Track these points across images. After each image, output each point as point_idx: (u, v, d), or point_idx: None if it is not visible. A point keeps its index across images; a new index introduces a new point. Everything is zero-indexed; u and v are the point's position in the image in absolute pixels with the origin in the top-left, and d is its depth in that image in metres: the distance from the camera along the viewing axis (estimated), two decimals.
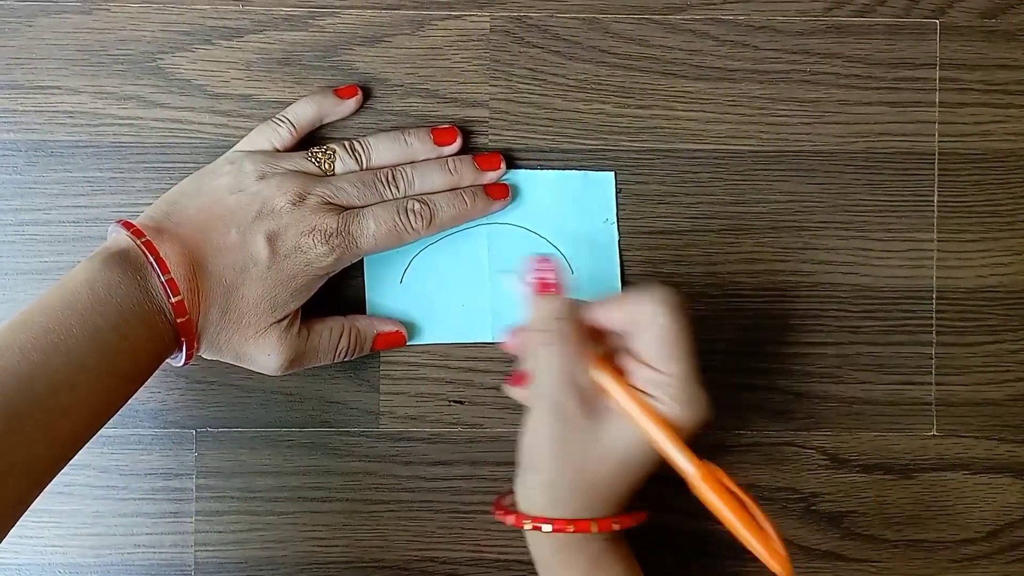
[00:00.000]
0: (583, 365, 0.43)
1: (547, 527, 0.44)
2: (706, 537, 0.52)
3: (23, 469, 0.39)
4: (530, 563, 0.52)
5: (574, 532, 0.44)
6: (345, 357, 0.50)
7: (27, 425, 0.39)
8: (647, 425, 0.42)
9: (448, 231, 0.51)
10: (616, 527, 0.44)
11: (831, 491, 0.52)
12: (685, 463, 0.42)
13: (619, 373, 0.44)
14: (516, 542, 0.52)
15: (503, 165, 0.50)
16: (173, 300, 0.43)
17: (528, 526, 0.44)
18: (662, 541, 0.52)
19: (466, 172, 0.50)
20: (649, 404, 0.43)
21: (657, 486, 0.49)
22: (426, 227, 0.48)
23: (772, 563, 0.40)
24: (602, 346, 0.45)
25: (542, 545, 0.46)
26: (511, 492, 0.47)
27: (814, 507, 0.52)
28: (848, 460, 0.52)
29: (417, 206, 0.48)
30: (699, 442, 0.52)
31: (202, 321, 0.45)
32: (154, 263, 0.43)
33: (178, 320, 0.43)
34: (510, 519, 0.45)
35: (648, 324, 0.43)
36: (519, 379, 0.48)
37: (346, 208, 0.47)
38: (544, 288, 0.45)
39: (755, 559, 0.52)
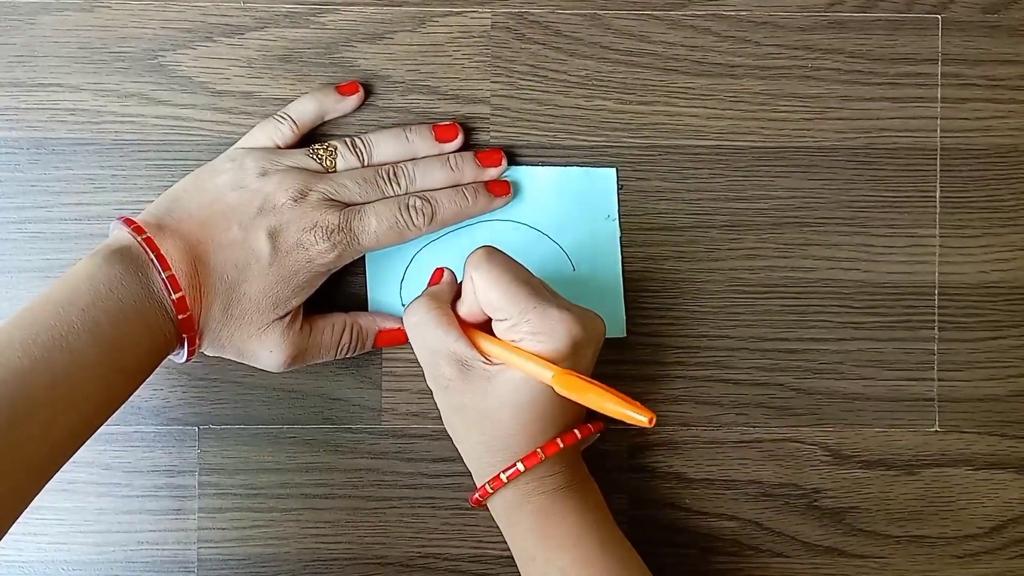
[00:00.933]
0: (451, 335, 0.45)
1: (490, 487, 0.45)
2: (707, 534, 0.52)
3: (25, 464, 0.39)
4: None
5: (508, 480, 0.45)
6: (347, 354, 0.50)
7: (29, 420, 0.39)
8: (505, 355, 0.44)
9: (450, 228, 0.51)
10: (541, 454, 0.45)
11: (834, 487, 0.52)
12: (540, 371, 0.43)
13: (483, 332, 0.46)
14: None
15: (504, 161, 0.50)
16: (174, 297, 0.43)
17: (476, 496, 0.46)
18: (660, 537, 0.52)
19: (467, 168, 0.50)
20: (504, 340, 0.44)
21: (658, 481, 0.49)
22: (428, 224, 0.48)
23: (638, 417, 0.41)
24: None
25: (498, 513, 0.47)
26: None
27: (816, 503, 0.52)
28: (850, 456, 0.52)
29: (419, 203, 0.48)
30: (700, 437, 0.52)
31: (204, 317, 0.45)
32: (155, 260, 0.43)
33: (179, 316, 0.44)
34: (473, 501, 0.47)
35: (475, 289, 0.45)
36: None
37: (348, 205, 0.47)
38: (430, 284, 0.49)
39: (759, 557, 0.52)
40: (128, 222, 0.44)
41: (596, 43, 0.52)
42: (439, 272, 0.49)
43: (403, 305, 0.51)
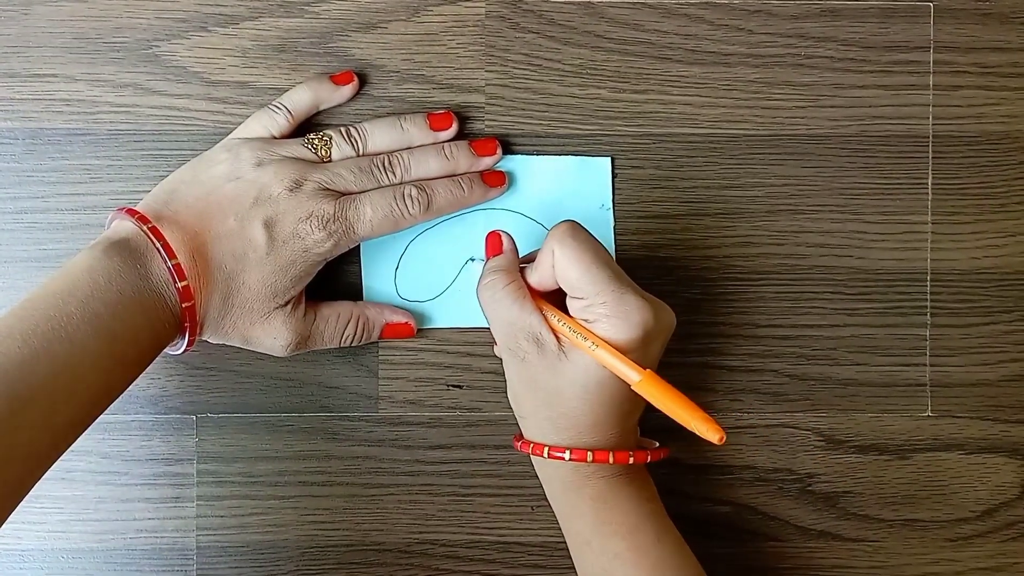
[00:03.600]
0: (527, 309, 0.45)
1: (546, 452, 0.46)
2: (702, 519, 0.52)
3: (24, 453, 0.39)
4: (529, 544, 0.53)
5: (571, 459, 0.45)
6: (352, 343, 0.50)
7: (28, 409, 0.39)
8: (585, 346, 0.44)
9: (445, 216, 0.51)
10: (611, 460, 0.45)
11: (827, 472, 0.53)
12: (627, 371, 0.43)
13: (560, 310, 0.46)
14: (515, 524, 0.52)
15: (499, 150, 0.50)
16: (180, 285, 0.43)
17: (526, 447, 0.47)
18: None
19: (462, 157, 0.50)
20: (585, 327, 0.44)
21: (654, 467, 0.50)
22: (423, 213, 0.48)
23: (710, 433, 0.42)
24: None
25: (552, 484, 0.47)
26: None
27: (810, 488, 0.53)
28: (844, 441, 0.53)
29: (414, 192, 0.48)
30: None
31: (204, 307, 0.45)
32: (161, 249, 0.43)
33: (183, 305, 0.44)
34: (519, 444, 0.47)
35: (554, 263, 0.44)
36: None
37: (343, 194, 0.48)
38: (491, 253, 0.48)
39: (754, 542, 0.53)
40: (131, 212, 0.45)
41: (590, 32, 0.52)
42: (497, 239, 0.48)
43: (398, 294, 0.51)
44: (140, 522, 0.51)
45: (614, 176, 0.52)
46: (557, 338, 0.45)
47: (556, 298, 0.46)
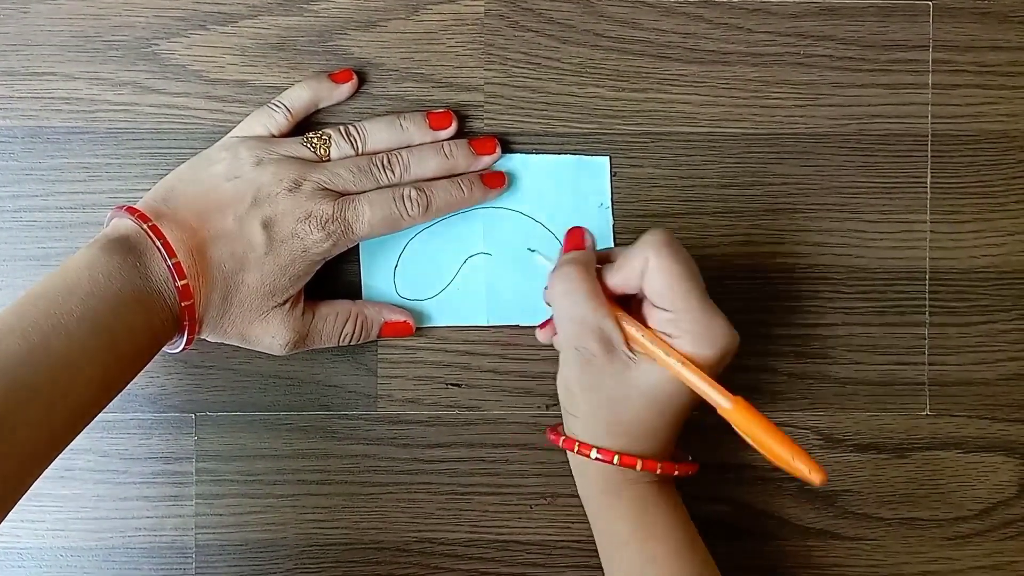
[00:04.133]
0: (601, 310, 0.44)
1: (594, 453, 0.45)
2: (702, 518, 0.52)
3: (23, 450, 0.39)
4: (527, 543, 0.53)
5: (618, 464, 0.45)
6: (351, 342, 0.50)
7: (27, 406, 0.39)
8: (664, 359, 0.43)
9: (444, 217, 0.51)
10: (659, 470, 0.45)
11: (826, 470, 0.53)
12: (717, 397, 0.43)
13: (637, 317, 0.45)
14: (513, 523, 0.52)
15: (498, 149, 0.50)
16: (179, 283, 0.43)
17: (575, 448, 0.46)
18: None
19: (462, 156, 0.50)
20: (667, 341, 0.43)
21: None
22: (422, 214, 0.48)
23: (811, 476, 0.42)
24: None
25: (590, 483, 0.47)
26: (561, 424, 0.48)
27: (808, 487, 0.53)
28: (842, 440, 0.53)
29: (414, 193, 0.48)
30: (694, 423, 0.52)
31: (204, 306, 0.45)
32: (161, 247, 0.43)
33: (183, 303, 0.44)
34: (561, 441, 0.47)
35: (645, 269, 0.44)
36: (545, 324, 0.49)
37: (342, 194, 0.48)
38: (571, 246, 0.47)
39: (752, 540, 0.53)
40: (131, 210, 0.45)
41: (589, 30, 0.52)
42: (580, 234, 0.47)
43: (397, 293, 0.51)
44: (139, 520, 0.51)
45: (613, 175, 0.52)
46: (628, 346, 0.44)
47: (625, 303, 0.45)
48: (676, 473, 0.46)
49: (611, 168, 0.52)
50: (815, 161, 0.52)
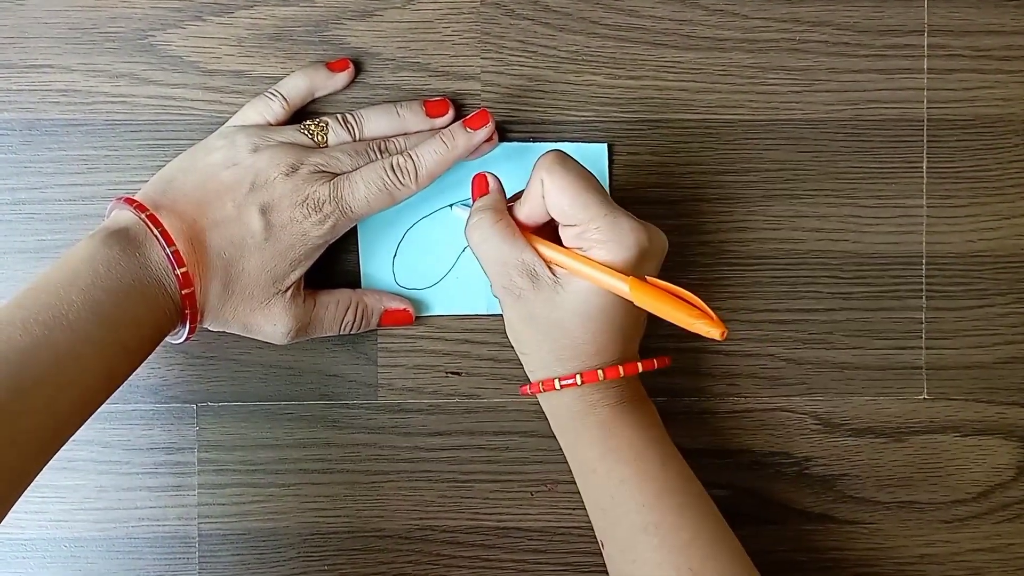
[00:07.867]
0: (517, 244, 0.46)
1: (557, 384, 0.46)
2: None
3: (27, 440, 0.40)
4: (528, 530, 0.53)
5: (582, 384, 0.45)
6: (351, 331, 0.50)
7: (31, 397, 0.39)
8: (578, 269, 0.44)
9: (443, 204, 0.51)
10: (622, 372, 0.46)
11: (824, 455, 0.53)
12: (615, 283, 0.44)
13: (551, 241, 0.46)
14: (514, 509, 0.52)
15: (492, 121, 0.49)
16: (179, 272, 0.43)
17: (541, 388, 0.47)
18: None
19: (458, 140, 0.49)
20: (580, 254, 0.44)
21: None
22: (415, 180, 0.48)
23: (711, 330, 0.42)
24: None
25: (559, 421, 0.48)
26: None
27: (807, 471, 0.53)
28: (840, 424, 0.53)
29: (401, 161, 0.48)
30: (692, 408, 0.52)
31: (204, 294, 0.45)
32: (159, 236, 0.43)
33: (183, 291, 0.44)
34: (528, 388, 0.48)
35: (544, 193, 0.45)
36: None
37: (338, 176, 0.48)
38: (478, 193, 0.48)
39: (751, 525, 0.53)
40: (129, 201, 0.45)
41: (585, 18, 0.52)
42: (483, 179, 0.48)
43: (396, 282, 0.52)
44: (142, 511, 0.51)
45: (610, 162, 0.52)
46: (551, 270, 0.45)
47: (546, 233, 0.47)
48: (641, 369, 0.46)
49: (609, 155, 0.52)
50: (811, 147, 0.52)
